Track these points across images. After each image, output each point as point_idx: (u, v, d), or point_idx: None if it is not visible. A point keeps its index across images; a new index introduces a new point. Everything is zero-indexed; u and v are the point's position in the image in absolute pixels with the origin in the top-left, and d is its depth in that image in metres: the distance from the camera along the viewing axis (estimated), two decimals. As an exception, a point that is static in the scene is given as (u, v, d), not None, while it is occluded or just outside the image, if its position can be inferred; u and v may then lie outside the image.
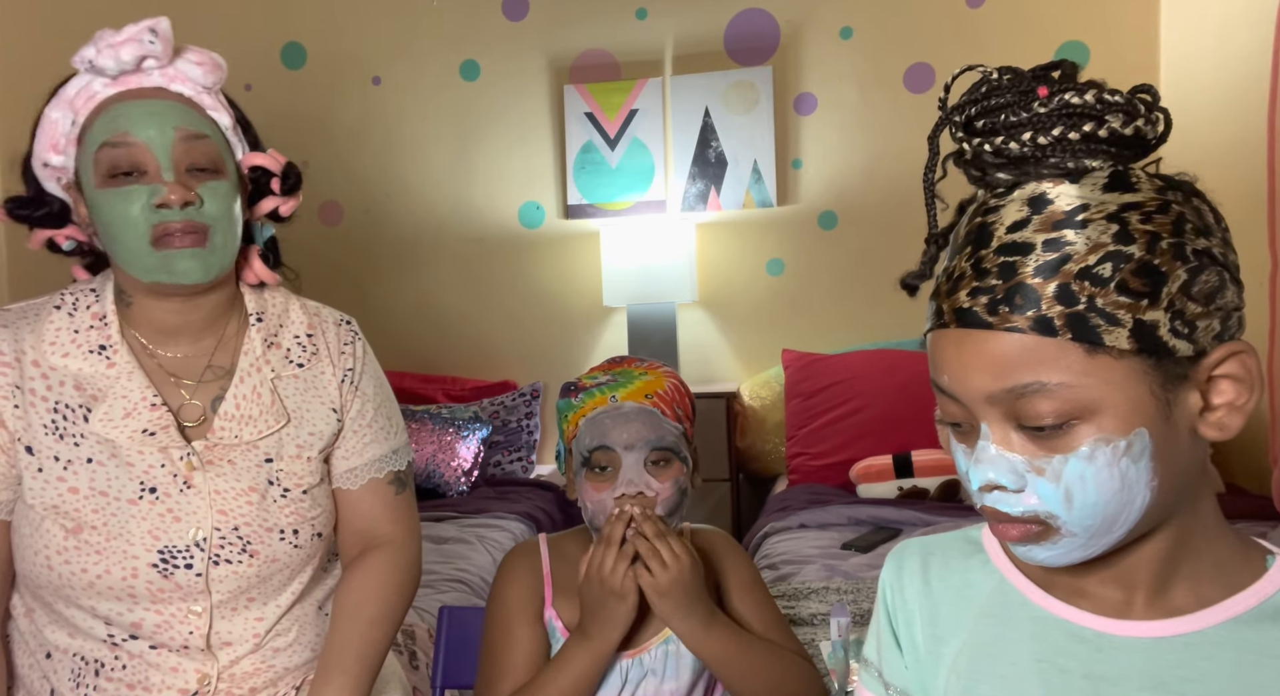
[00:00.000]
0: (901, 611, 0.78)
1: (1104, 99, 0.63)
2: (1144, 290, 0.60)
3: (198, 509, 1.12)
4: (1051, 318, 0.60)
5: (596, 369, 1.20)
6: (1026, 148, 0.63)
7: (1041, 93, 0.63)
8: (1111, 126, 0.62)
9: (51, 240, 1.18)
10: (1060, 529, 0.63)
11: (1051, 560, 0.66)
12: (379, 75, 3.60)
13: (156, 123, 1.08)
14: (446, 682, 1.33)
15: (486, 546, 2.51)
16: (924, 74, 3.31)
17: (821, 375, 3.12)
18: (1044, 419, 0.61)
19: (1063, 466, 0.62)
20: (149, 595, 1.10)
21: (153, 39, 1.07)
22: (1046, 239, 0.61)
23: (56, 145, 1.11)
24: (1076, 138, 0.62)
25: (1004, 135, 0.64)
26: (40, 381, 1.11)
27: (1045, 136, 0.62)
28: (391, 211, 3.64)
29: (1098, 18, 3.19)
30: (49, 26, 3.54)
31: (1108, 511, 0.62)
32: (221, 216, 1.11)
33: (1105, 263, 0.60)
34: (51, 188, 1.15)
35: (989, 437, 0.64)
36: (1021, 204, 0.63)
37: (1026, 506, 0.64)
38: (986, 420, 0.64)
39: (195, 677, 1.12)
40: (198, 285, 1.12)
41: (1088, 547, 0.65)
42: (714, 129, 3.40)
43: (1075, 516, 0.63)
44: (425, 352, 3.62)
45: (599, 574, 1.06)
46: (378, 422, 1.28)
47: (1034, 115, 0.63)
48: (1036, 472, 0.63)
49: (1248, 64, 2.63)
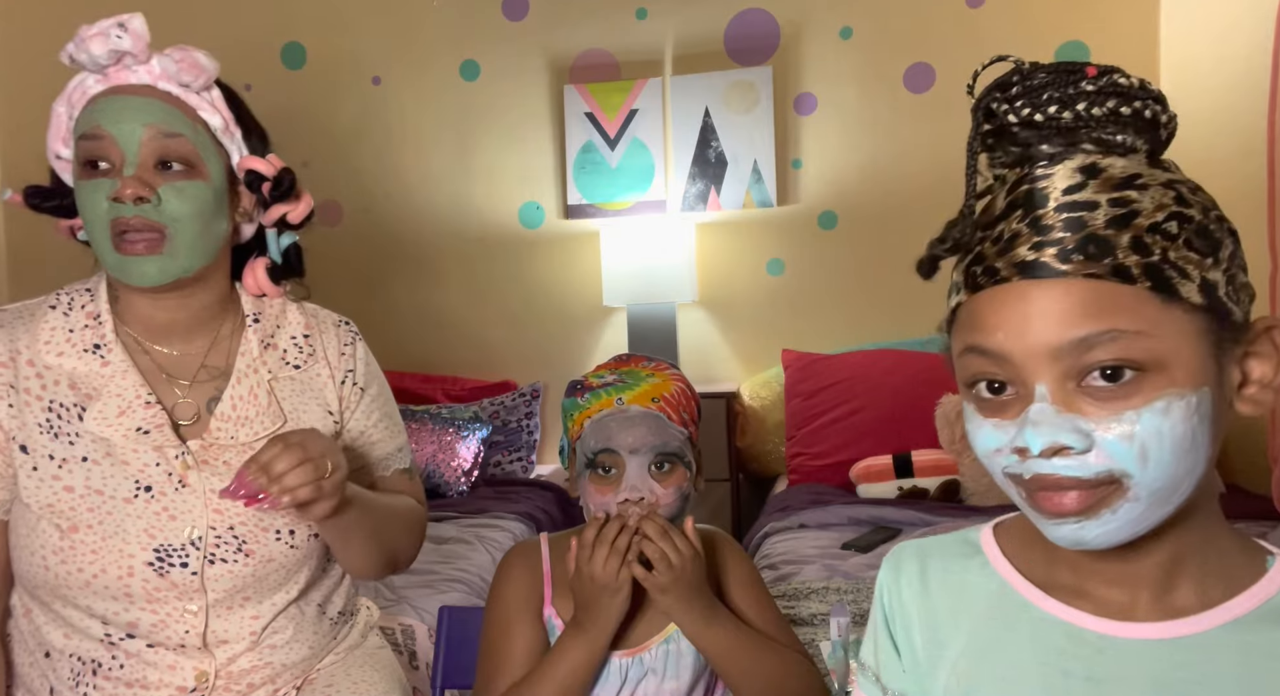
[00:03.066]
0: (899, 614, 0.78)
1: (1146, 86, 0.65)
2: (1206, 251, 0.62)
3: (193, 508, 1.12)
4: (1129, 265, 0.60)
5: (603, 367, 1.19)
6: (1081, 118, 0.64)
7: (1090, 72, 0.64)
8: (1155, 110, 0.64)
9: (72, 228, 1.21)
10: (1130, 491, 0.61)
11: (1102, 537, 0.63)
12: (379, 75, 3.60)
13: (130, 118, 1.08)
14: (446, 682, 1.33)
15: (486, 546, 2.51)
16: (924, 74, 3.31)
17: (821, 375, 3.12)
18: (1119, 368, 0.60)
19: (1136, 421, 0.60)
20: (145, 594, 1.10)
21: (120, 34, 1.07)
22: (1111, 197, 0.62)
23: (63, 138, 1.14)
24: (1128, 112, 0.64)
25: (1058, 105, 0.64)
26: (35, 380, 1.11)
27: (1100, 108, 0.63)
28: (391, 211, 3.64)
29: (1098, 18, 3.19)
30: (51, 26, 3.54)
31: (1177, 472, 0.61)
32: (185, 217, 1.10)
33: (1171, 221, 0.61)
34: (67, 178, 1.17)
35: (1046, 398, 0.61)
36: (1073, 172, 0.63)
37: (1099, 467, 0.61)
38: (1044, 380, 0.62)
39: (193, 675, 1.12)
40: (159, 286, 1.12)
41: (1143, 520, 0.63)
42: (714, 129, 3.40)
43: (1149, 475, 0.60)
44: (425, 353, 3.62)
45: (590, 569, 1.06)
46: (383, 423, 1.29)
47: (1081, 91, 0.64)
48: (1105, 430, 0.60)
49: (1248, 64, 2.63)
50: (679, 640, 1.12)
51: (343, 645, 1.27)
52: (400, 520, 1.25)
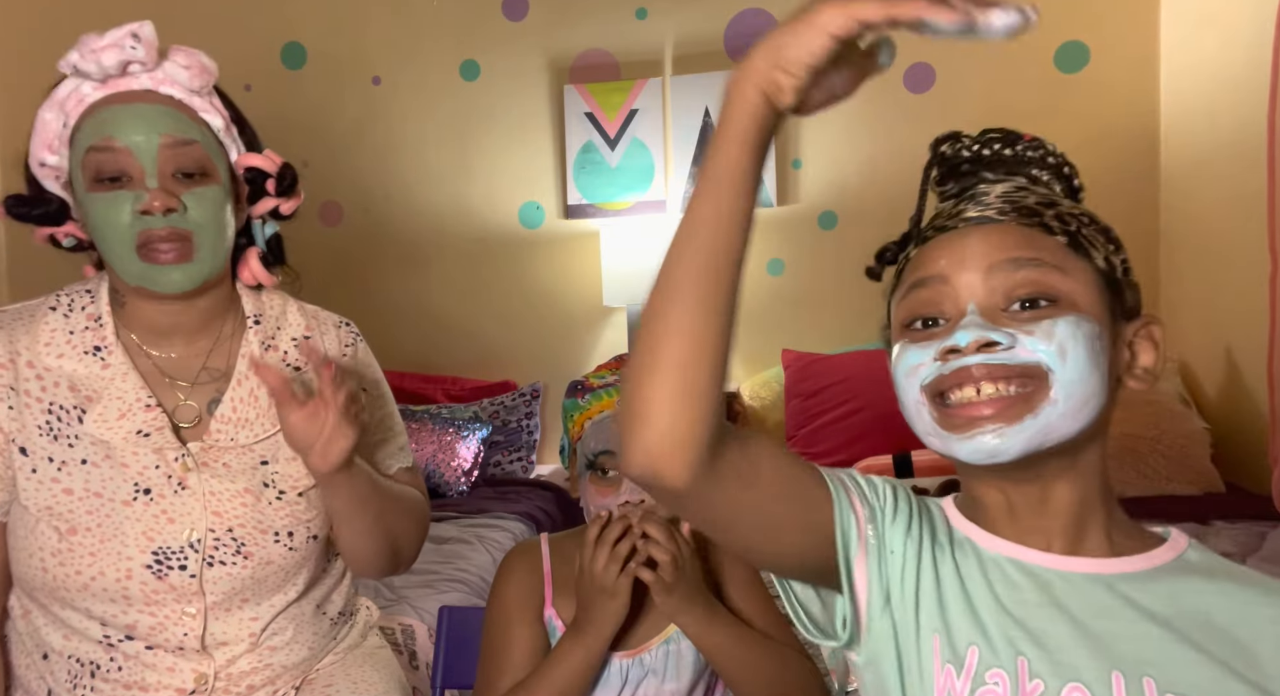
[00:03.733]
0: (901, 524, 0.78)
1: (1061, 154, 0.81)
2: (1108, 241, 0.76)
3: (192, 510, 1.12)
4: (1052, 225, 0.74)
5: (604, 367, 1.19)
6: (1019, 155, 0.79)
7: (1026, 137, 0.79)
8: (1071, 170, 0.80)
9: (53, 236, 1.18)
10: (1051, 388, 0.69)
11: (1019, 444, 0.69)
12: (379, 75, 3.60)
13: (143, 128, 1.07)
14: (446, 682, 1.34)
15: (486, 546, 2.51)
16: (924, 74, 3.31)
17: (821, 375, 3.12)
18: (1041, 290, 0.71)
19: (1053, 327, 0.70)
20: (143, 597, 1.10)
21: (134, 44, 1.06)
22: (1039, 193, 0.77)
23: (50, 145, 1.11)
24: (1053, 162, 0.79)
25: (1001, 144, 0.79)
26: (35, 382, 1.11)
27: (1034, 153, 0.79)
28: (391, 211, 3.64)
29: (1098, 18, 3.19)
30: (50, 26, 3.54)
31: (1089, 384, 0.70)
32: (207, 223, 1.10)
33: (1085, 215, 0.76)
34: (51, 186, 1.15)
35: (976, 312, 0.71)
36: (1008, 187, 0.77)
37: (1025, 358, 0.69)
38: (975, 299, 0.72)
39: (192, 677, 1.12)
40: (183, 293, 1.12)
41: (1055, 429, 0.70)
42: (714, 129, 3.39)
43: (1068, 373, 0.69)
44: (425, 353, 3.62)
45: (591, 570, 1.06)
46: (384, 423, 1.30)
47: (1020, 140, 0.80)
48: (1026, 334, 0.70)
49: (1248, 64, 2.63)
50: (679, 640, 1.12)
51: (342, 645, 1.27)
52: (404, 505, 1.24)
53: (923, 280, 0.75)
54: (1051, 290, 0.71)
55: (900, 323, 0.78)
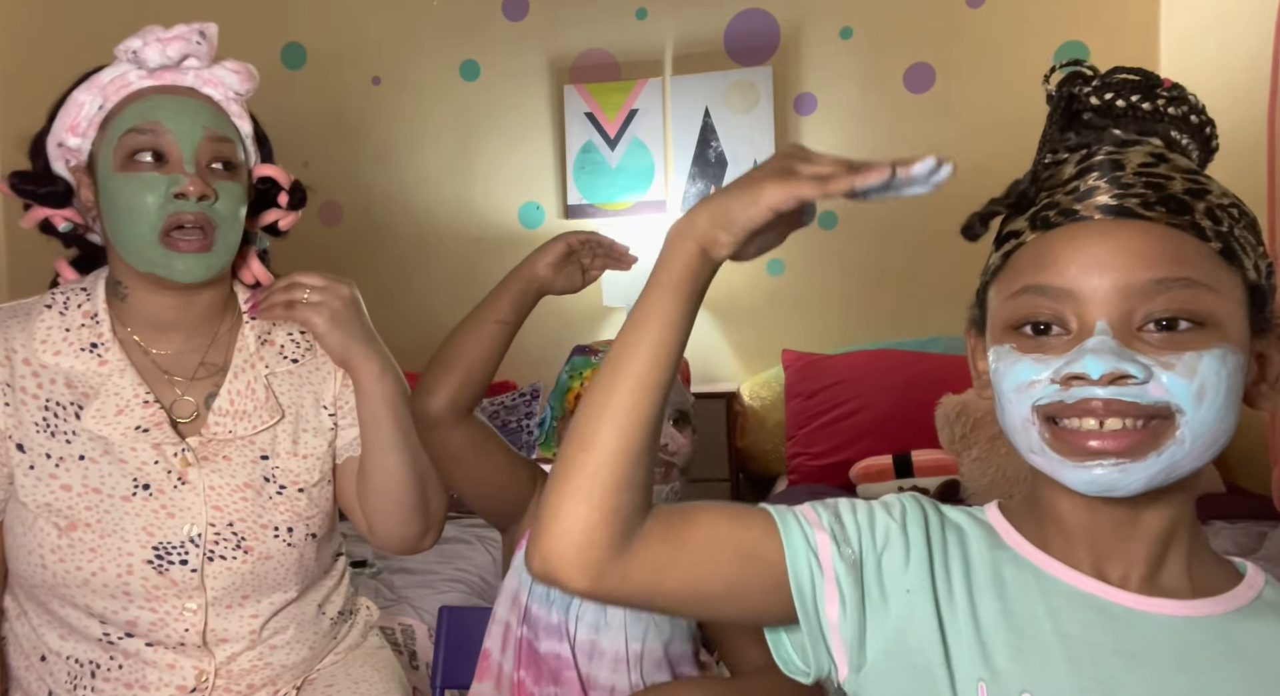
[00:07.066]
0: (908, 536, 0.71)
1: (1203, 106, 0.71)
2: (1256, 241, 0.66)
3: (192, 505, 1.12)
4: (1204, 226, 0.64)
5: (608, 341, 1.22)
6: (1159, 111, 0.69)
7: (1166, 84, 0.70)
8: (1211, 131, 0.70)
9: (48, 221, 1.19)
10: (1179, 430, 0.62)
11: (1139, 482, 0.63)
12: (379, 75, 3.60)
13: (189, 119, 1.11)
14: (446, 682, 1.33)
15: (486, 546, 2.51)
16: (924, 74, 3.31)
17: (821, 375, 3.12)
18: (1187, 313, 0.62)
19: (1197, 361, 0.61)
20: (144, 592, 1.10)
21: (200, 40, 1.12)
22: (1186, 174, 0.65)
23: (76, 127, 1.13)
24: (1196, 122, 0.69)
25: (1140, 94, 0.69)
26: (31, 379, 1.11)
27: (1175, 108, 0.69)
28: (391, 211, 3.64)
29: (1098, 18, 3.19)
30: (50, 26, 3.54)
31: (1222, 423, 0.63)
32: (230, 216, 1.14)
33: (1235, 207, 0.66)
34: (59, 168, 1.17)
35: (1108, 332, 0.62)
36: (1145, 154, 0.66)
37: (1157, 397, 0.61)
38: (1106, 317, 0.63)
39: (193, 674, 1.12)
40: (191, 284, 1.13)
41: (1177, 469, 0.63)
42: (714, 129, 3.40)
43: (1200, 416, 0.61)
44: (425, 352, 3.57)
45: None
46: None
47: (1160, 91, 0.70)
48: (1165, 367, 0.61)
49: (1248, 64, 2.63)
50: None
51: (342, 645, 1.27)
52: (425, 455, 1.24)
53: (1044, 288, 0.65)
54: (1199, 313, 0.62)
55: (1006, 322, 0.68)
